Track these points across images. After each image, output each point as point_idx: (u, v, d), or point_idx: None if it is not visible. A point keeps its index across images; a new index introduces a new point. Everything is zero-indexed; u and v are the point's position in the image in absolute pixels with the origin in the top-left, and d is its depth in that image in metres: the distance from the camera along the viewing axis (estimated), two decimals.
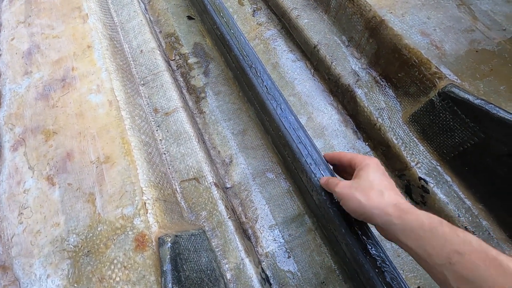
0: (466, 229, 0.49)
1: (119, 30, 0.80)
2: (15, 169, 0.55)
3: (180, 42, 0.85)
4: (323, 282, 0.54)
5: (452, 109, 0.49)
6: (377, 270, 0.39)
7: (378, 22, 0.60)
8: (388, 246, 0.54)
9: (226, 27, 0.63)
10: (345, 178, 0.47)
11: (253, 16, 0.86)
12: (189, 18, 0.90)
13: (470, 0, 0.59)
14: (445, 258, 0.28)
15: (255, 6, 0.88)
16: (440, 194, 0.52)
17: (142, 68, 0.74)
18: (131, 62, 0.75)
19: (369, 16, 0.62)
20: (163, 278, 0.40)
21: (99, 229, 0.47)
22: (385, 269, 0.38)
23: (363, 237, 0.41)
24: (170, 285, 0.39)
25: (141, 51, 0.76)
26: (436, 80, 0.53)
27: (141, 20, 0.81)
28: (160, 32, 0.88)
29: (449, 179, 0.52)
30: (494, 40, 0.54)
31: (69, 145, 0.55)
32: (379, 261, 0.39)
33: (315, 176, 0.47)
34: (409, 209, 0.34)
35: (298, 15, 0.75)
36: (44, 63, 0.66)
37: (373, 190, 0.37)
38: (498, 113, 0.44)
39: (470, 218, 0.49)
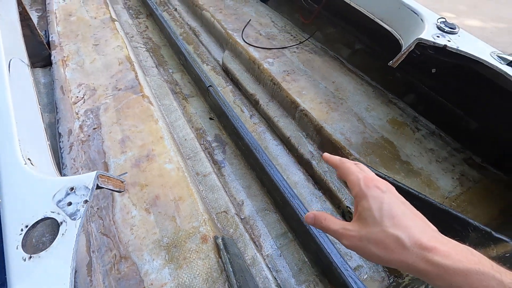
0: None
1: (170, 127, 1.32)
2: (124, 205, 0.96)
3: (206, 133, 1.38)
4: (300, 269, 0.95)
5: None
6: (327, 256, 0.83)
7: (320, 127, 1.17)
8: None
9: (241, 129, 1.17)
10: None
11: (250, 119, 1.43)
12: (210, 119, 1.45)
13: (363, 118, 1.19)
14: None
15: (251, 113, 1.45)
16: None
17: (187, 149, 1.23)
18: (179, 145, 1.24)
19: (315, 124, 1.19)
20: (221, 252, 0.81)
21: (180, 234, 0.88)
22: (335, 256, 0.83)
23: (320, 241, 0.86)
24: (225, 253, 0.80)
25: (185, 139, 1.26)
26: (349, 156, 1.06)
27: (183, 121, 1.34)
28: (192, 127, 1.41)
29: None
30: (374, 137, 1.11)
31: (156, 191, 0.99)
32: (331, 252, 0.84)
33: (293, 202, 0.93)
34: (454, 265, 0.28)
35: (278, 120, 1.32)
36: (133, 147, 1.13)
37: (388, 237, 0.31)
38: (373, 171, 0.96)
39: None
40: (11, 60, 0.92)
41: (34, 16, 1.98)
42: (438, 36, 0.81)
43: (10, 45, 1.00)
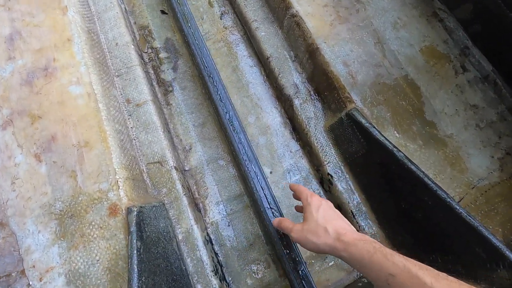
0: (351, 212, 0.69)
1: (96, 20, 0.88)
2: (5, 145, 0.66)
3: (153, 36, 0.95)
4: (252, 244, 0.74)
5: (352, 127, 0.68)
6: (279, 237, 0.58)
7: (315, 49, 0.76)
8: None
9: (192, 38, 0.75)
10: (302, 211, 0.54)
11: (220, 19, 0.97)
12: (163, 12, 0.98)
13: (385, 40, 0.76)
14: (383, 280, 0.36)
15: (223, 9, 0.98)
16: (339, 186, 0.71)
17: (117, 60, 0.84)
18: (107, 53, 0.84)
19: (309, 42, 0.77)
20: (129, 236, 0.57)
21: (80, 199, 0.62)
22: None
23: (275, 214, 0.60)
24: (135, 240, 0.56)
25: (117, 44, 0.85)
26: (347, 102, 0.70)
27: (117, 13, 0.89)
28: (135, 23, 0.97)
29: (347, 176, 0.72)
30: (393, 76, 0.72)
31: (53, 129, 0.67)
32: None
33: (248, 169, 0.64)
34: (351, 241, 0.41)
35: (257, 27, 0.88)
36: (26, 51, 0.74)
37: (319, 228, 0.45)
38: (376, 135, 0.63)
39: (356, 203, 0.70)
40: None
41: None
42: None
43: None
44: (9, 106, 0.69)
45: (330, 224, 0.45)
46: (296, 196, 0.56)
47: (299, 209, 0.62)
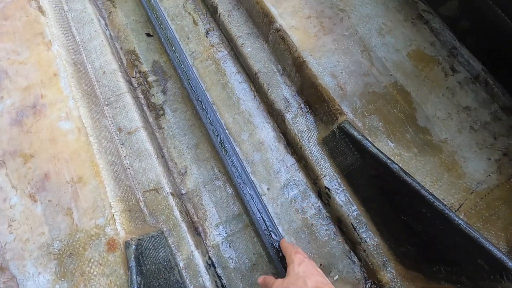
0: (352, 225, 0.69)
1: (82, 50, 0.88)
2: (0, 187, 0.66)
3: (140, 60, 0.95)
4: (254, 264, 0.73)
5: (345, 140, 0.67)
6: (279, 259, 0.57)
7: (301, 62, 0.75)
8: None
9: (177, 62, 0.75)
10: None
11: (206, 36, 0.96)
12: (148, 35, 0.98)
13: (371, 47, 0.75)
14: None
15: (208, 26, 0.98)
16: (338, 199, 0.71)
17: (106, 89, 0.84)
18: (95, 83, 0.84)
19: (295, 55, 0.76)
20: (129, 271, 0.56)
21: (77, 236, 0.61)
22: None
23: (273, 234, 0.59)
24: (134, 276, 0.55)
25: (104, 72, 0.85)
26: (338, 115, 0.70)
27: (102, 41, 0.89)
28: (121, 48, 0.97)
29: (344, 188, 0.71)
30: (382, 84, 0.71)
31: (45, 167, 0.67)
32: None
33: (243, 192, 0.63)
34: None
35: (243, 44, 0.87)
36: (14, 89, 0.74)
37: (299, 280, 0.49)
38: (369, 147, 0.62)
39: (355, 215, 0.69)
40: None
41: None
42: None
43: None
44: (0, 147, 0.69)
45: (309, 278, 0.48)
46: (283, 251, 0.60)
47: None
